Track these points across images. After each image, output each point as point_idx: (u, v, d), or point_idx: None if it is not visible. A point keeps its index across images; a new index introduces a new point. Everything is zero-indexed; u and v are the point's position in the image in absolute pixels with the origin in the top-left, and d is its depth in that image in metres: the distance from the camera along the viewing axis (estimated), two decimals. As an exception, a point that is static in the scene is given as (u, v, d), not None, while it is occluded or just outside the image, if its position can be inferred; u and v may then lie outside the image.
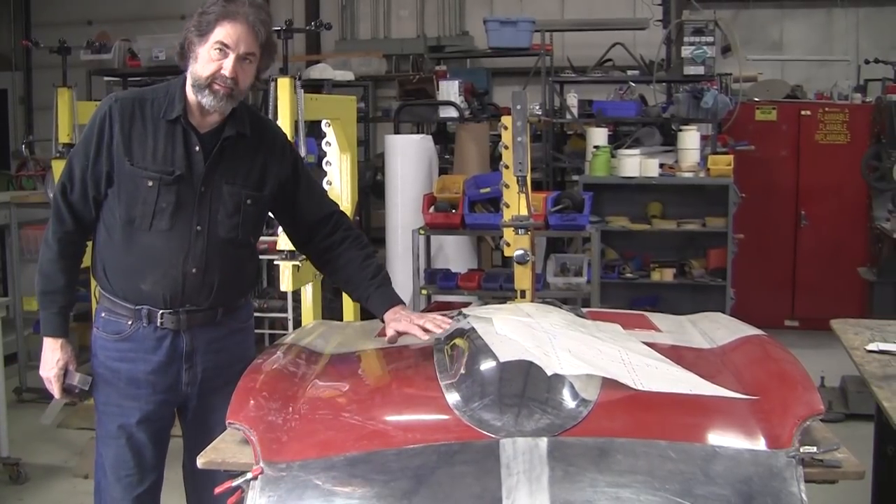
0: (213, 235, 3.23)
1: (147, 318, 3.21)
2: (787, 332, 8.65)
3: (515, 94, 4.22)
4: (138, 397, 3.27)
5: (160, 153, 3.15)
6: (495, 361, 2.65)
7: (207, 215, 3.21)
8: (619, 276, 8.36)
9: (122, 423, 3.28)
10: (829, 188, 9.46)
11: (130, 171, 3.14)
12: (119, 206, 3.17)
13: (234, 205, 3.26)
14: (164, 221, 3.15)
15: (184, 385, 3.31)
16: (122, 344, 3.25)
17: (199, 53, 3.10)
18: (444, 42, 12.39)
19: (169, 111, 3.17)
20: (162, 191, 3.14)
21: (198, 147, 3.19)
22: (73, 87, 6.18)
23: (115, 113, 3.15)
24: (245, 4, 3.09)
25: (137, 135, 3.15)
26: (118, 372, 3.27)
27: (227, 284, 3.32)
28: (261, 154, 3.33)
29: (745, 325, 3.28)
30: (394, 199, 8.05)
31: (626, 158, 8.19)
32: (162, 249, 3.17)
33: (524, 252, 4.26)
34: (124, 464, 3.31)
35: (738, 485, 2.26)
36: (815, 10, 11.72)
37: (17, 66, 14.15)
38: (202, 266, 3.21)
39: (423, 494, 2.28)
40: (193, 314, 3.26)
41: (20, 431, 6.35)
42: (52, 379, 3.27)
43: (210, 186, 3.21)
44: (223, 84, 3.10)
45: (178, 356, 3.27)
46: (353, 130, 5.90)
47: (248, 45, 3.10)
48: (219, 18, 3.05)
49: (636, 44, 9.79)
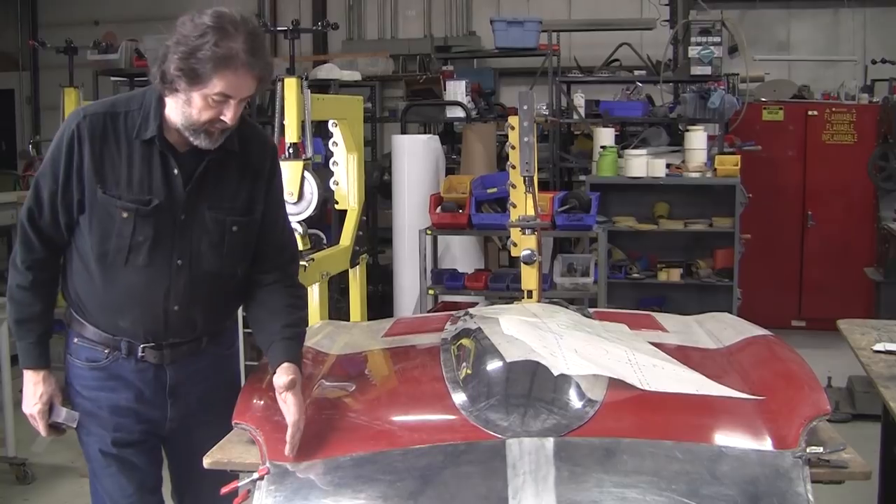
0: (195, 269, 2.89)
1: (127, 350, 2.93)
2: (794, 333, 8.63)
3: (522, 95, 4.22)
4: (121, 426, 2.99)
5: (135, 179, 2.79)
6: (502, 362, 2.66)
7: (189, 247, 2.87)
8: (625, 276, 8.35)
9: (108, 451, 3.01)
10: (835, 188, 9.45)
11: (103, 200, 2.78)
12: (91, 238, 2.82)
13: (219, 233, 2.91)
14: (140, 257, 2.81)
15: (169, 420, 3.04)
16: (99, 373, 2.96)
17: (193, 99, 2.69)
18: (451, 42, 12.39)
19: (143, 130, 2.80)
20: (138, 223, 2.79)
21: (176, 170, 2.83)
22: (79, 88, 6.19)
23: (83, 131, 2.78)
24: (240, 39, 2.64)
25: (109, 157, 2.79)
26: (97, 401, 2.97)
27: (212, 316, 3.04)
28: (249, 171, 2.97)
29: (752, 326, 3.27)
30: (401, 200, 8.05)
31: (633, 158, 8.18)
32: (140, 287, 2.85)
33: (531, 252, 4.27)
34: (123, 490, 3.03)
35: (744, 485, 2.26)
36: (822, 11, 11.70)
37: (23, 67, 14.18)
38: (185, 303, 2.90)
39: (429, 495, 2.28)
40: (177, 347, 2.97)
41: (26, 432, 6.32)
42: (37, 416, 2.95)
43: (191, 214, 2.86)
44: (220, 128, 2.76)
45: (161, 390, 2.99)
46: (359, 130, 5.90)
47: (248, 89, 2.73)
48: (216, 66, 2.62)
49: (643, 44, 9.77)
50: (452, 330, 3.14)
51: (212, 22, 2.64)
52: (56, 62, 7.89)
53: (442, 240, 7.60)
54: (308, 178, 4.71)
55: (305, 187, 4.70)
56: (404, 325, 3.65)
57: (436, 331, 3.24)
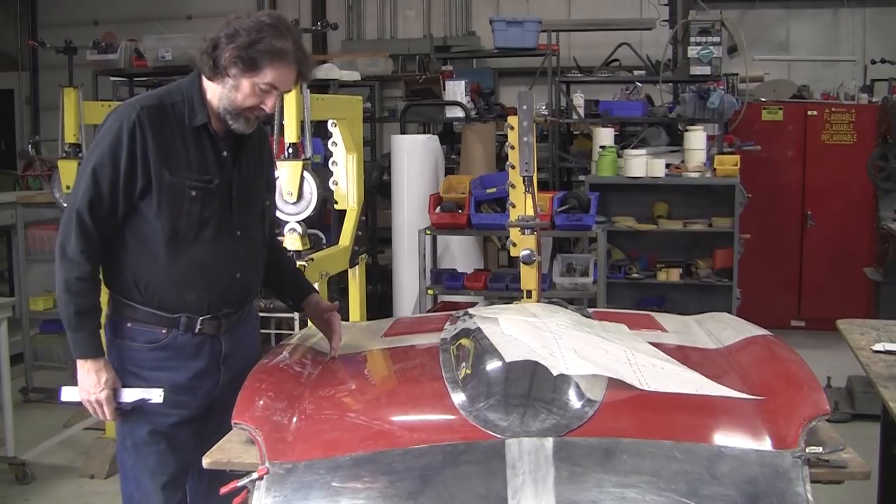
0: (250, 239, 3.24)
1: (185, 325, 3.12)
2: (794, 333, 8.63)
3: (521, 95, 4.21)
4: (180, 404, 3.15)
5: (194, 161, 3.06)
6: (501, 361, 2.66)
7: (244, 220, 3.20)
8: (625, 276, 8.35)
9: (158, 429, 3.15)
10: (835, 188, 9.45)
11: (171, 182, 3.00)
12: (159, 220, 3.02)
13: (259, 207, 3.30)
14: (209, 231, 3.08)
15: (220, 388, 3.22)
16: (159, 353, 3.12)
17: (242, 84, 2.99)
18: (451, 42, 12.39)
19: (192, 117, 3.06)
20: (205, 200, 3.06)
21: (226, 152, 3.13)
22: (79, 88, 6.17)
23: (144, 120, 2.98)
24: (291, 39, 3.01)
25: (169, 143, 3.02)
26: (157, 381, 3.10)
27: (257, 284, 3.39)
28: (263, 154, 3.35)
29: (751, 326, 3.28)
30: (400, 200, 8.05)
31: (633, 158, 8.18)
32: (210, 259, 3.11)
33: (530, 252, 4.26)
34: (166, 468, 3.18)
35: (743, 485, 2.26)
36: (822, 11, 11.70)
37: (23, 67, 14.19)
38: (245, 270, 3.23)
39: (429, 494, 2.28)
40: (230, 317, 3.23)
41: (26, 432, 6.35)
42: (104, 401, 3.05)
43: (240, 190, 3.17)
44: (259, 115, 3.09)
45: (215, 360, 3.20)
46: (359, 130, 5.90)
47: (290, 84, 3.09)
48: (271, 58, 2.96)
49: (642, 44, 9.77)
50: (452, 330, 3.15)
51: (269, 21, 3.00)
52: (55, 62, 7.88)
53: (441, 240, 7.60)
54: (307, 178, 4.70)
55: (305, 187, 4.69)
56: (404, 325, 3.66)
57: (435, 331, 3.24)
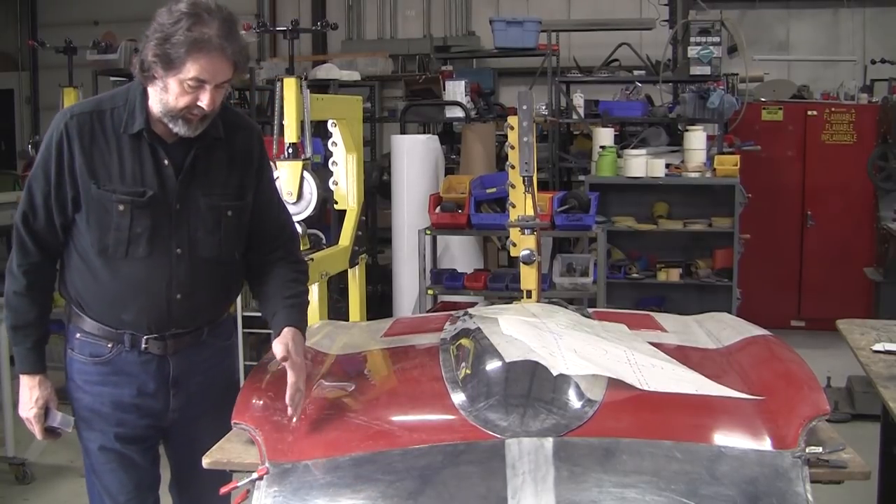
0: (195, 256, 2.96)
1: (130, 342, 2.97)
2: (793, 333, 8.63)
3: (521, 95, 4.22)
4: (124, 422, 3.04)
5: (128, 172, 2.85)
6: (501, 361, 2.65)
7: (187, 235, 2.94)
8: (625, 276, 8.36)
9: (110, 446, 3.06)
10: (835, 188, 9.45)
11: (98, 195, 2.84)
12: (89, 234, 2.88)
13: (214, 220, 2.98)
14: (140, 248, 2.87)
15: (171, 412, 3.08)
16: (102, 367, 3.00)
17: (169, 84, 2.77)
18: (451, 42, 12.39)
19: (130, 124, 2.86)
20: (135, 215, 2.85)
21: (167, 161, 2.89)
22: (79, 88, 6.18)
23: (72, 130, 2.83)
24: (214, 24, 2.73)
25: (100, 153, 2.85)
26: (100, 395, 3.02)
27: (213, 304, 3.12)
28: (238, 156, 3.05)
29: (751, 326, 3.27)
30: (400, 200, 8.05)
31: (633, 159, 8.19)
32: (143, 278, 2.90)
33: (530, 252, 4.26)
34: (123, 488, 3.08)
35: (743, 485, 2.26)
36: (822, 11, 11.71)
37: (23, 67, 14.20)
38: (188, 290, 2.96)
39: (429, 495, 2.28)
40: (180, 337, 3.02)
41: (26, 432, 6.32)
42: (33, 419, 3.03)
43: (185, 203, 2.92)
44: (199, 114, 2.82)
45: (164, 381, 3.03)
46: (359, 130, 5.90)
47: (223, 74, 2.78)
48: (189, 50, 2.70)
49: (642, 44, 9.78)
50: (452, 330, 3.14)
51: (186, 9, 2.73)
52: (55, 62, 7.88)
53: (441, 240, 7.60)
54: (307, 178, 4.71)
55: (305, 187, 4.70)
56: (404, 325, 3.65)
57: (435, 331, 3.24)
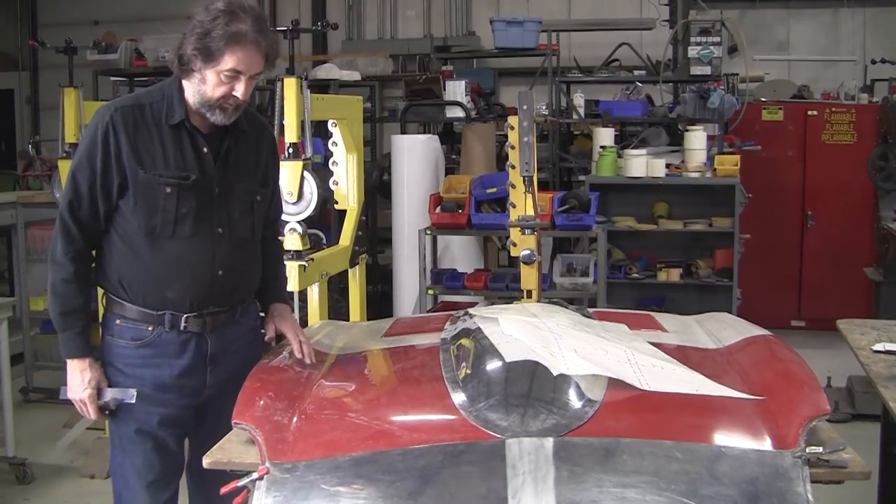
0: (234, 235, 3.23)
1: (170, 323, 3.16)
2: (794, 333, 8.63)
3: (522, 95, 4.22)
4: (165, 402, 3.20)
5: (171, 159, 3.09)
6: (501, 361, 2.66)
7: (226, 216, 3.20)
8: (625, 276, 8.35)
9: (145, 428, 3.20)
10: (835, 188, 9.44)
11: (146, 179, 3.06)
12: (137, 216, 3.09)
13: (248, 203, 3.28)
14: (186, 227, 3.11)
15: (207, 388, 3.26)
16: (144, 350, 3.17)
17: (207, 76, 3.03)
18: (451, 42, 12.38)
19: (170, 116, 3.11)
20: (181, 196, 3.09)
21: (206, 148, 3.15)
22: (79, 88, 6.17)
23: (117, 122, 3.06)
24: (248, 21, 3.01)
25: (144, 142, 3.08)
26: (142, 378, 3.17)
27: (247, 283, 3.37)
28: (260, 149, 3.36)
29: (752, 326, 3.28)
30: (400, 200, 8.05)
31: (633, 158, 8.18)
32: (188, 255, 3.13)
33: (530, 252, 4.27)
34: (152, 468, 3.23)
35: (743, 485, 2.26)
36: (822, 11, 11.70)
37: (23, 67, 14.19)
38: (229, 267, 3.21)
39: (429, 495, 2.28)
40: (217, 315, 3.23)
41: (26, 432, 6.35)
42: (87, 400, 3.14)
43: (224, 187, 3.19)
44: (234, 103, 3.08)
45: (202, 359, 3.22)
46: (359, 130, 5.90)
47: (257, 66, 3.06)
48: (227, 43, 2.97)
49: (643, 44, 9.77)
50: (452, 330, 3.15)
51: (223, 7, 3.01)
52: (56, 62, 7.86)
53: (441, 240, 7.60)
54: (307, 177, 4.70)
55: (305, 187, 4.69)
56: (404, 325, 3.66)
57: (435, 331, 3.24)
